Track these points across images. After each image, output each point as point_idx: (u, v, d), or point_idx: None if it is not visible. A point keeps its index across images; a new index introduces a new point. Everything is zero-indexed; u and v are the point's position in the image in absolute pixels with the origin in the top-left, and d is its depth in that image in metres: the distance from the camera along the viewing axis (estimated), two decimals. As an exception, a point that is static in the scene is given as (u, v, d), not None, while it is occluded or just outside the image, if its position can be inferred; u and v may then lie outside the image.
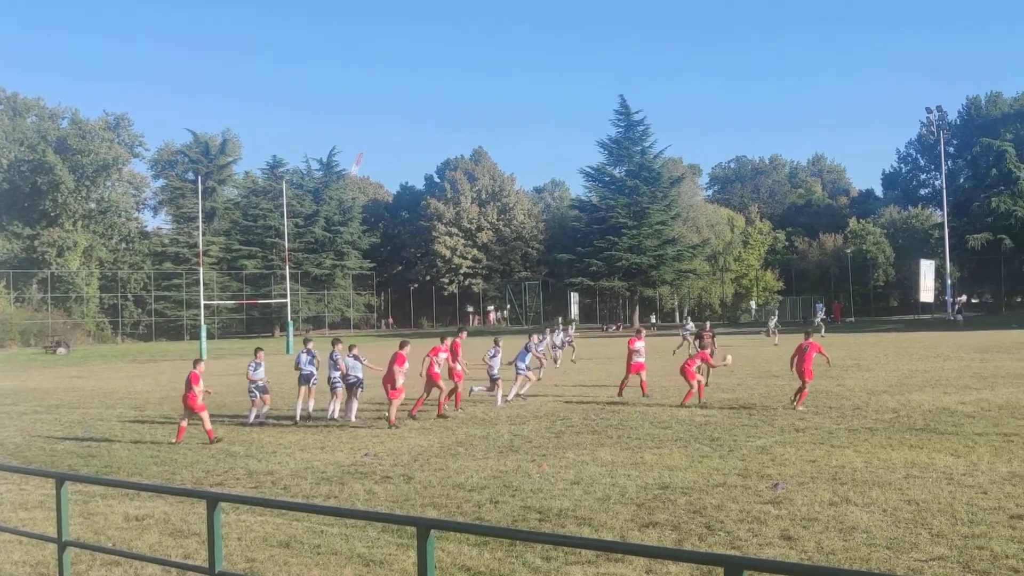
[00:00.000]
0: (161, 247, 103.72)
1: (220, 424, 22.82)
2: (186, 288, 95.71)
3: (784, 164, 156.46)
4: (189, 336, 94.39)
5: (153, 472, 16.90)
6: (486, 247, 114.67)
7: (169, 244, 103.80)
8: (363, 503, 13.56)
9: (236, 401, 29.08)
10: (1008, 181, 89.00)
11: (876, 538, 10.65)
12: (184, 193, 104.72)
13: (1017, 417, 19.65)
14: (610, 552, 9.97)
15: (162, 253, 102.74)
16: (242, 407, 26.87)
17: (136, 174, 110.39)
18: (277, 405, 26.64)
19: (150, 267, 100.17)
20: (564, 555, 10.25)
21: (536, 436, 19.49)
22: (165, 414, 26.74)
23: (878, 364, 36.16)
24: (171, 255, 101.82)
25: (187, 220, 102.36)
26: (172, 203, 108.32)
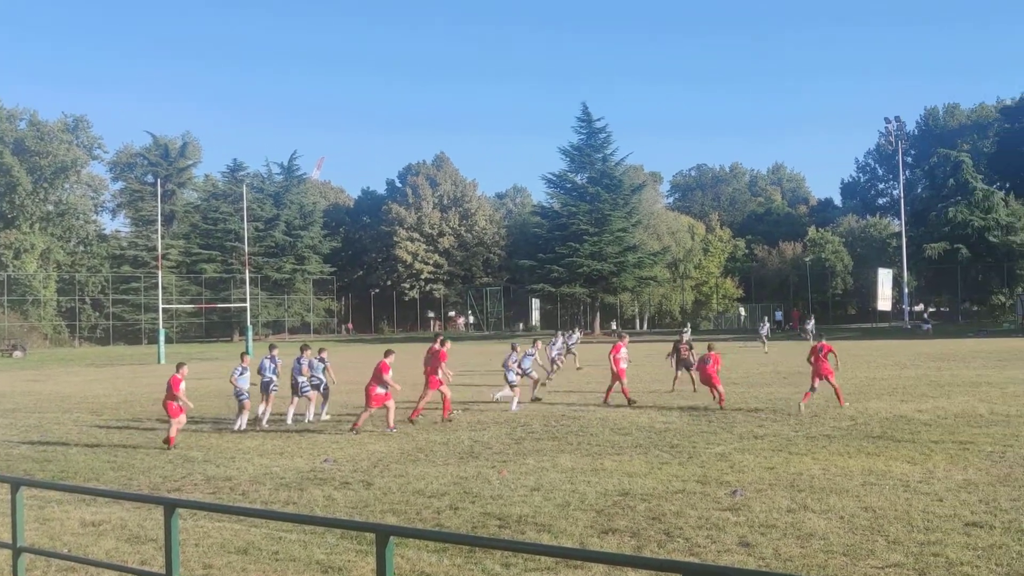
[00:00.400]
0: (119, 250, 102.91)
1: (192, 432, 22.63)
2: (144, 292, 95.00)
3: (744, 172, 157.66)
4: (147, 340, 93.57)
5: (110, 477, 16.74)
6: (448, 252, 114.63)
7: (128, 247, 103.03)
8: (322, 509, 13.49)
9: (202, 406, 28.85)
10: (965, 191, 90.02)
11: (833, 545, 10.72)
12: (143, 196, 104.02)
13: (973, 425, 19.85)
14: (569, 559, 9.97)
15: (120, 256, 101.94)
16: (209, 412, 26.74)
17: (95, 176, 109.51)
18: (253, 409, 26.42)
19: (108, 270, 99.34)
20: (524, 561, 10.25)
21: (496, 442, 19.48)
22: (122, 419, 26.51)
23: (838, 372, 36.37)
24: (129, 258, 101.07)
25: (146, 223, 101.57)
26: (131, 206, 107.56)
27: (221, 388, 36.50)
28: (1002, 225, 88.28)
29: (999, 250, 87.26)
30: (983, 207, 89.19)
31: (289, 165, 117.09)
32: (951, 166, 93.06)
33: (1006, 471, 14.61)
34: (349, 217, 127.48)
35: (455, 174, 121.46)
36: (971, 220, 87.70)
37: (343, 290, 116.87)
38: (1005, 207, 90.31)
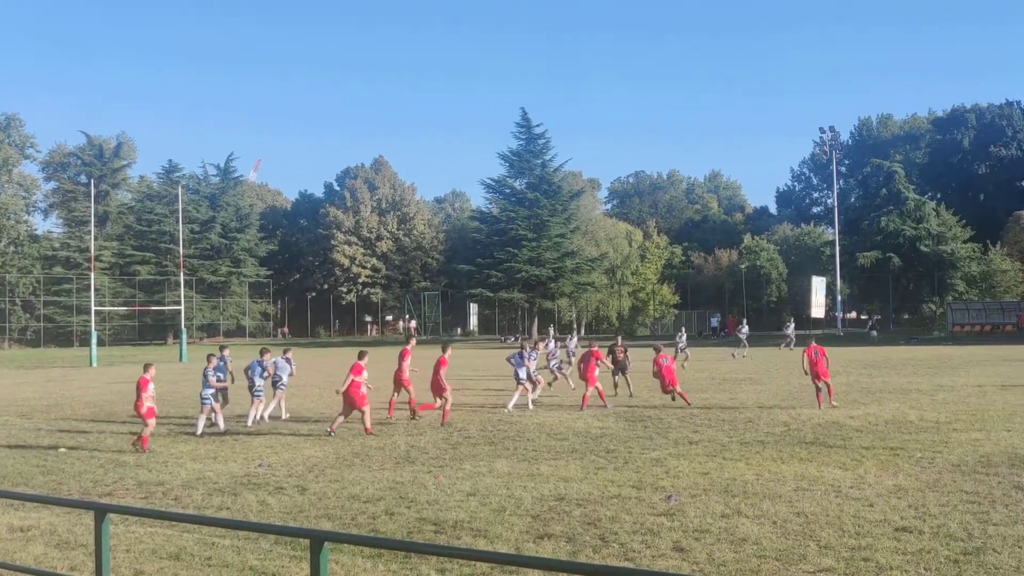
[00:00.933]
0: (51, 251, 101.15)
1: (125, 435, 22.37)
2: (76, 293, 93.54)
3: (682, 180, 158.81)
4: (79, 343, 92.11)
5: (39, 482, 16.46)
6: (385, 256, 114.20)
7: (60, 248, 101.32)
8: (256, 514, 13.38)
9: (127, 410, 28.55)
10: (897, 201, 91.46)
11: (766, 550, 10.83)
12: (76, 196, 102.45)
13: (903, 431, 20.16)
14: (504, 564, 9.98)
15: (52, 257, 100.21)
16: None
17: (26, 176, 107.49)
18: (191, 412, 26.13)
19: (39, 271, 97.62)
20: (459, 567, 10.24)
21: (432, 447, 19.44)
22: (52, 422, 26.09)
23: (770, 378, 36.83)
24: (62, 259, 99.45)
25: (79, 224, 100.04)
26: (63, 206, 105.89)
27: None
28: (933, 235, 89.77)
29: (930, 259, 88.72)
30: (915, 217, 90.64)
31: (226, 167, 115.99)
32: (884, 176, 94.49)
33: (935, 477, 14.85)
34: (286, 220, 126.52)
35: (394, 178, 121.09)
36: (903, 230, 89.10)
37: (279, 293, 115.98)
38: (936, 217, 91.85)
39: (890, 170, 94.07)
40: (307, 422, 24.53)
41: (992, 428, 20.34)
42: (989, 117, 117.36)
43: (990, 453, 16.99)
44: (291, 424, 23.99)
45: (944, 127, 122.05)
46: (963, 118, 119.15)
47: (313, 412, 26.80)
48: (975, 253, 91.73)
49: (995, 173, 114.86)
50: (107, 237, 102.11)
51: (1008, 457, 16.53)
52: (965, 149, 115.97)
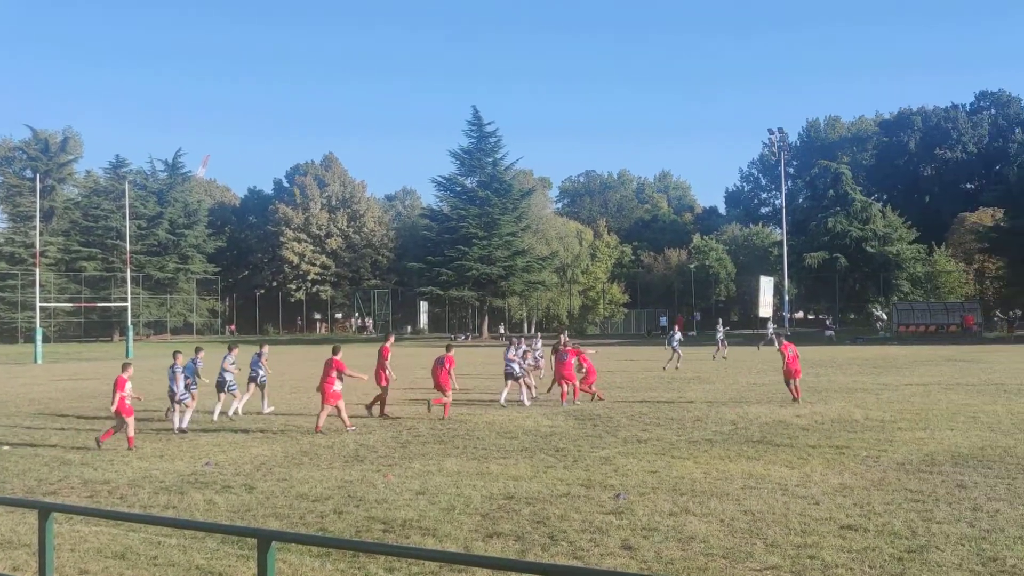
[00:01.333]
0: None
1: (70, 433, 22.06)
2: (21, 289, 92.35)
3: (632, 179, 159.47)
4: (24, 339, 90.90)
5: (-20, 481, 16.22)
6: (335, 254, 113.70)
7: (4, 244, 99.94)
8: (203, 513, 13.26)
9: (80, 407, 28.24)
10: (844, 202, 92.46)
11: (713, 548, 10.89)
12: (21, 191, 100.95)
13: (848, 430, 20.36)
14: (453, 563, 9.97)
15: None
16: (87, 412, 26.19)
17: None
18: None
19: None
20: (408, 566, 10.21)
21: (382, 446, 19.37)
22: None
23: (718, 377, 37.07)
24: (6, 255, 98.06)
25: (24, 219, 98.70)
26: (8, 201, 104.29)
27: (99, 389, 35.66)
28: (879, 236, 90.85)
29: (876, 260, 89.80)
30: (861, 218, 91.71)
31: (174, 162, 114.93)
32: (831, 177, 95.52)
33: (880, 475, 15.01)
34: (235, 216, 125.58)
35: (344, 175, 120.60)
36: (850, 230, 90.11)
37: (227, 290, 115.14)
38: (882, 218, 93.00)
39: (837, 171, 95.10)
40: (270, 419, 24.38)
41: (936, 427, 20.60)
42: (935, 120, 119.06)
43: (934, 452, 17.21)
44: (239, 423, 23.81)
45: (891, 129, 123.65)
46: (909, 120, 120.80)
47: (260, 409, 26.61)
48: (920, 254, 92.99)
49: (940, 175, 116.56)
50: (53, 233, 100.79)
51: (951, 456, 16.75)
52: (911, 151, 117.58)
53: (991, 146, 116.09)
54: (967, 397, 27.19)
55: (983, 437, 18.96)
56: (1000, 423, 21.16)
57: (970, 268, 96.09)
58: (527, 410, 25.82)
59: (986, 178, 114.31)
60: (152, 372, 46.45)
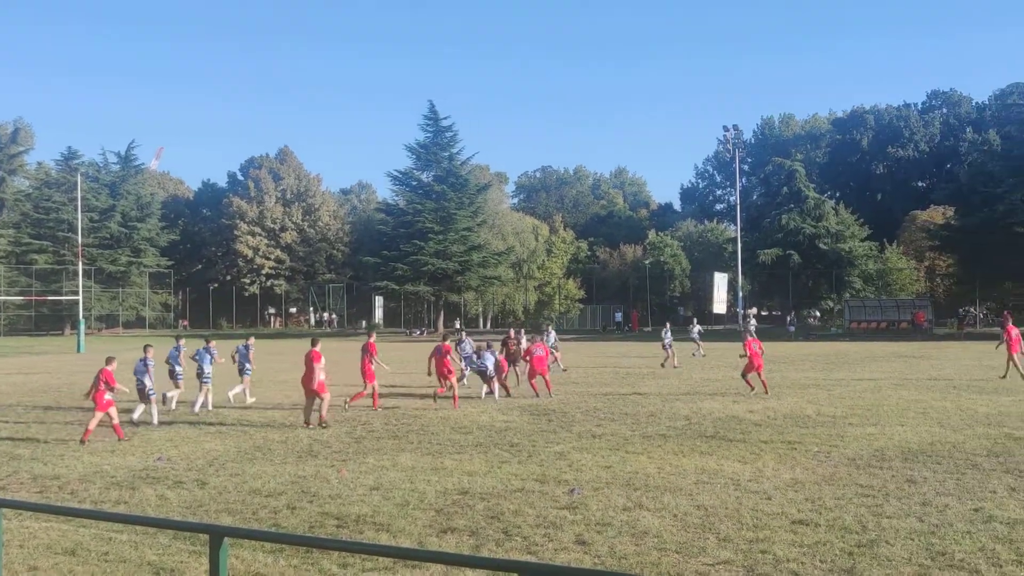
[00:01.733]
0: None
1: (19, 426, 21.78)
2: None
3: (588, 175, 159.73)
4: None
5: (-73, 476, 15.99)
6: (290, 248, 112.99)
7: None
8: (154, 509, 13.15)
9: (31, 401, 27.93)
10: (798, 199, 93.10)
11: (667, 542, 10.95)
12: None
13: (800, 426, 20.53)
14: (407, 559, 9.95)
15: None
16: (39, 405, 25.92)
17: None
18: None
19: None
20: (361, 562, 10.19)
21: (336, 441, 19.30)
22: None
23: (672, 372, 37.25)
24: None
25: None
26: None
27: (49, 383, 35.30)
28: (832, 233, 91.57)
29: (828, 257, 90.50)
30: (814, 215, 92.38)
31: (126, 154, 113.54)
32: (785, 175, 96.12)
33: (831, 470, 15.15)
34: (188, 209, 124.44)
35: (299, 168, 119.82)
36: (803, 227, 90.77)
37: (180, 284, 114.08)
38: (835, 216, 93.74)
39: (791, 169, 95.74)
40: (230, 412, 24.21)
41: (886, 423, 20.81)
42: (887, 118, 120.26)
43: (884, 447, 17.39)
44: (192, 418, 23.62)
45: (844, 127, 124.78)
46: (862, 119, 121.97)
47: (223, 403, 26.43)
48: (872, 251, 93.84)
49: (892, 173, 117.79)
50: (3, 225, 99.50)
51: (901, 451, 16.93)
52: (864, 149, 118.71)
53: (942, 145, 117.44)
54: (917, 393, 27.49)
55: (933, 433, 19.18)
56: (949, 419, 21.41)
57: (921, 265, 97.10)
58: (482, 405, 25.83)
59: (937, 176, 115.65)
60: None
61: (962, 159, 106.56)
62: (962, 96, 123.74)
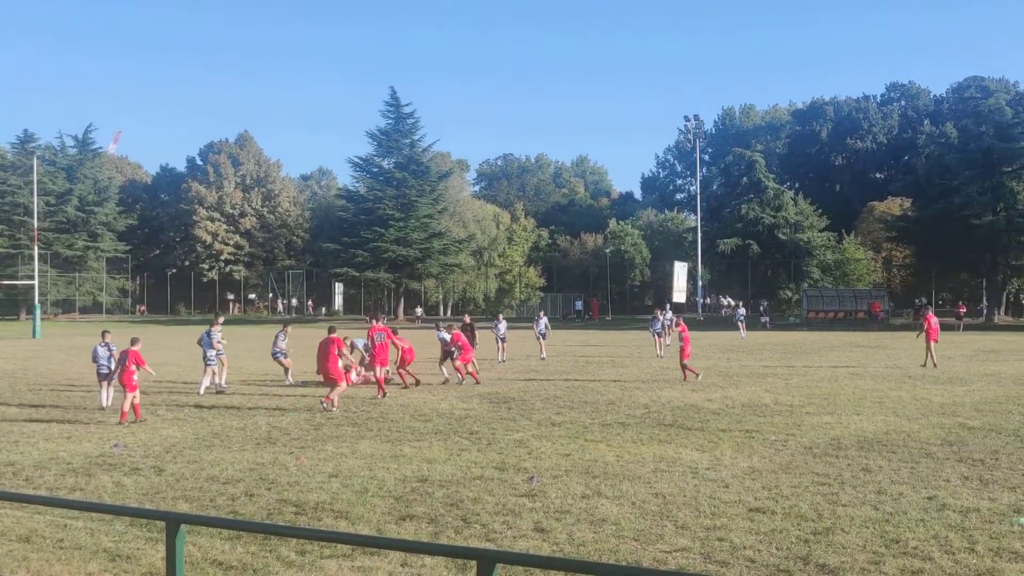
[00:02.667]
0: None
1: None
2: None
3: (549, 164, 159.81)
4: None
5: None
6: (249, 234, 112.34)
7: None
8: (111, 496, 13.06)
9: None
10: (757, 190, 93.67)
11: (625, 530, 11.00)
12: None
13: (758, 414, 20.69)
14: (366, 546, 9.94)
15: None
16: None
17: None
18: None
19: None
20: (320, 549, 10.17)
21: (295, 428, 19.24)
22: None
23: (632, 361, 37.41)
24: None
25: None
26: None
27: (4, 368, 34.95)
28: (791, 223, 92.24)
29: (787, 247, 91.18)
30: (774, 205, 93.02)
31: (84, 138, 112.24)
32: (745, 165, 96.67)
33: (788, 459, 15.28)
34: (146, 194, 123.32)
35: (259, 154, 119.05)
36: (762, 217, 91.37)
37: (138, 269, 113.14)
38: (794, 206, 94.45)
39: (751, 159, 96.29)
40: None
41: (842, 412, 21.02)
42: (846, 110, 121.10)
43: (840, 436, 17.56)
44: (148, 405, 23.44)
45: (803, 119, 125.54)
46: (822, 110, 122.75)
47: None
48: (830, 242, 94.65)
49: (851, 164, 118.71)
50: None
51: (857, 440, 17.10)
52: (823, 141, 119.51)
53: (900, 137, 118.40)
54: (873, 383, 27.77)
55: (888, 422, 19.39)
56: (905, 408, 21.65)
57: (878, 256, 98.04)
58: (442, 392, 25.84)
59: (895, 168, 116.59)
60: (58, 352, 45.60)
61: (920, 151, 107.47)
62: (920, 89, 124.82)
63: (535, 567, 8.93)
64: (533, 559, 7.81)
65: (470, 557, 5.21)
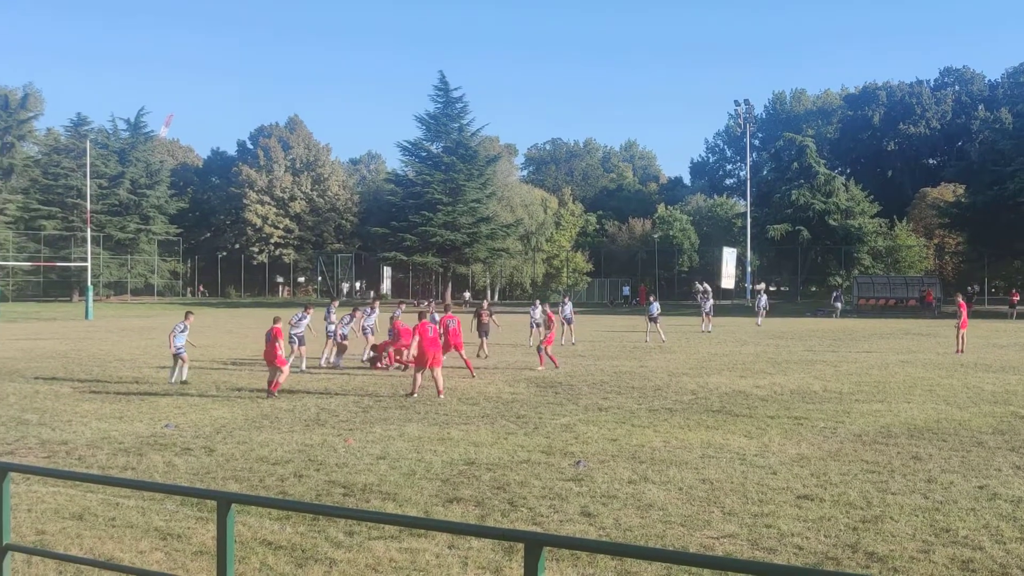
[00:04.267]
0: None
1: (27, 393, 21.86)
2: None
3: (598, 148, 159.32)
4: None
5: (-64, 440, 16.07)
6: (299, 217, 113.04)
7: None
8: (162, 475, 13.21)
9: (38, 367, 28.06)
10: (808, 175, 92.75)
11: (671, 515, 10.97)
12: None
13: (807, 401, 20.54)
14: (413, 528, 9.99)
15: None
16: (45, 373, 26.05)
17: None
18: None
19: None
20: (367, 530, 10.23)
21: (343, 410, 19.36)
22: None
23: (679, 347, 37.25)
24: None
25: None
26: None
27: (57, 349, 35.43)
28: (841, 209, 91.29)
29: (837, 233, 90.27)
30: (824, 191, 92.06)
31: (136, 121, 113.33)
32: (796, 150, 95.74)
33: (837, 446, 15.16)
34: (198, 177, 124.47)
35: (308, 138, 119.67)
36: (813, 203, 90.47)
37: (189, 252, 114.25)
38: (845, 192, 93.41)
39: (802, 144, 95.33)
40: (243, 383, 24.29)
41: (893, 399, 20.82)
42: (899, 95, 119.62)
43: (890, 424, 17.40)
44: (199, 385, 23.69)
45: (855, 103, 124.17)
46: (874, 95, 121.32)
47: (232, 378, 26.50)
48: (881, 228, 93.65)
49: (903, 150, 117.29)
50: (12, 191, 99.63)
51: (907, 428, 16.94)
52: (875, 126, 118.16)
53: (954, 122, 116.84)
54: (924, 371, 27.48)
55: (939, 410, 19.19)
56: (956, 396, 21.41)
57: (930, 243, 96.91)
58: (488, 376, 25.86)
59: (948, 154, 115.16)
60: (109, 333, 46.16)
61: (973, 137, 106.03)
62: (975, 73, 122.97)
63: (582, 550, 8.96)
64: (580, 543, 7.82)
65: (517, 540, 5.21)
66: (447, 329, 26.28)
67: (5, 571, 6.38)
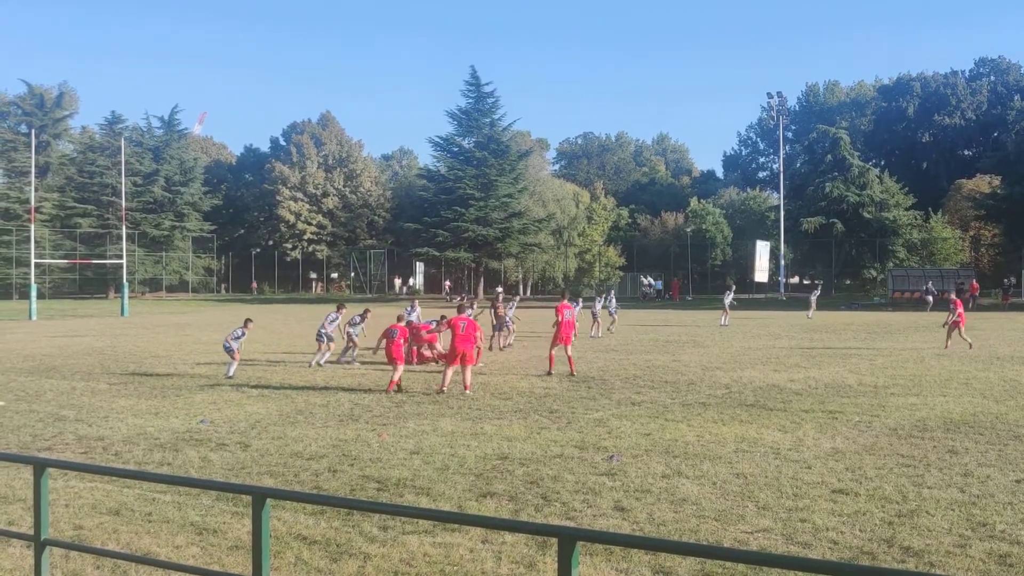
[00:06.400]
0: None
1: (64, 391, 22.07)
2: (16, 245, 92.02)
3: (630, 142, 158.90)
4: (18, 295, 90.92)
5: (-24, 436, 16.25)
6: (331, 213, 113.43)
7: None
8: (197, 471, 13.30)
9: (74, 364, 28.31)
10: (842, 168, 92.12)
11: (705, 510, 10.95)
12: (16, 146, 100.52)
13: (841, 395, 20.42)
14: (447, 522, 10.02)
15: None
16: (80, 369, 26.28)
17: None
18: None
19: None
20: (401, 524, 10.26)
21: (377, 405, 19.42)
22: (-10, 376, 25.74)
23: (713, 341, 37.12)
24: (1, 210, 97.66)
25: (19, 175, 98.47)
26: (3, 156, 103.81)
27: (93, 346, 35.72)
28: (876, 202, 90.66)
29: (872, 226, 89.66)
30: (858, 183, 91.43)
31: (170, 119, 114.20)
32: (829, 142, 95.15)
33: (872, 440, 15.07)
34: (231, 174, 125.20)
35: (340, 134, 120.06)
36: (847, 196, 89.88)
37: (223, 249, 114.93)
38: (879, 184, 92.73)
39: (835, 137, 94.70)
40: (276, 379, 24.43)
41: (928, 393, 20.67)
42: (934, 86, 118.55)
43: (926, 418, 17.27)
44: (235, 380, 23.82)
45: (889, 95, 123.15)
46: (908, 86, 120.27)
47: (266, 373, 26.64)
48: (916, 220, 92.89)
49: (938, 142, 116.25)
50: (48, 188, 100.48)
51: (943, 422, 16.81)
52: (909, 117, 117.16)
53: (989, 113, 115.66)
54: (960, 364, 27.26)
55: (975, 403, 19.04)
56: (992, 390, 21.23)
57: (966, 235, 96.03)
58: (521, 370, 25.86)
59: (984, 145, 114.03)
60: (145, 329, 46.52)
61: (1009, 128, 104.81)
62: (1011, 64, 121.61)
63: (616, 545, 8.95)
64: (614, 537, 7.80)
65: (551, 534, 5.22)
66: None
67: (44, 566, 6.45)
